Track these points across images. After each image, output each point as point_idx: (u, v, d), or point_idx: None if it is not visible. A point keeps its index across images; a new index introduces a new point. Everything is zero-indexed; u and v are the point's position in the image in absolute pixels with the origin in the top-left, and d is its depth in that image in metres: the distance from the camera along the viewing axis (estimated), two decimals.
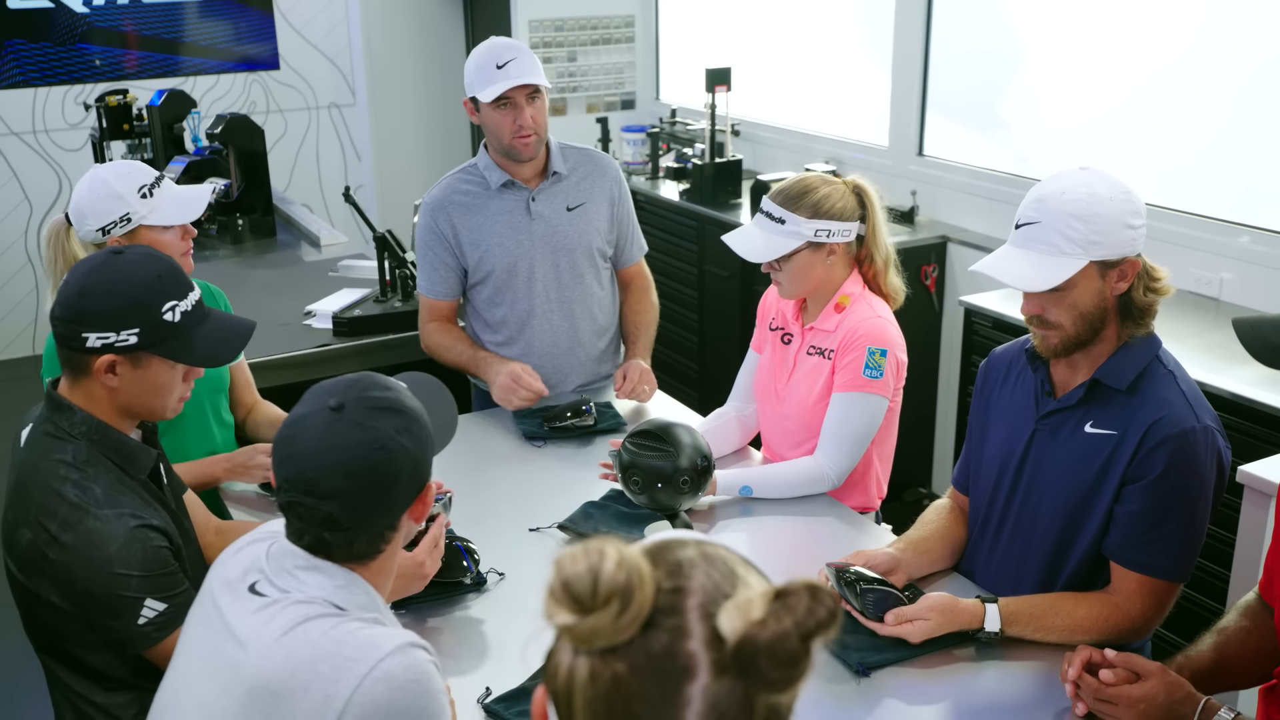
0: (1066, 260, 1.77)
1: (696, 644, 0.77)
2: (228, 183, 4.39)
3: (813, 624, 0.75)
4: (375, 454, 1.35)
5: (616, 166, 2.95)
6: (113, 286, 1.73)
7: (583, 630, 0.77)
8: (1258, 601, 1.81)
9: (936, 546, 2.08)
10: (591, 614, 0.76)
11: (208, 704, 1.34)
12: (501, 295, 2.83)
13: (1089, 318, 1.82)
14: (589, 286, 2.88)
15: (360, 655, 1.28)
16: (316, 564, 1.37)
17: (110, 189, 2.27)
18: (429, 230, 2.82)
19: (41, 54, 5.71)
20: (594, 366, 2.93)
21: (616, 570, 0.76)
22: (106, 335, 1.72)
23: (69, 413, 1.76)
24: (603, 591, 0.76)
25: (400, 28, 6.30)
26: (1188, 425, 1.78)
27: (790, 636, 0.75)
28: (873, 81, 4.58)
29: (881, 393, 2.32)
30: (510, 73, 2.64)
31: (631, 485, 2.17)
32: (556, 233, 2.81)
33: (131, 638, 1.73)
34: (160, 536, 1.76)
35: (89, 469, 1.74)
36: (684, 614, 0.78)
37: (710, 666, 0.77)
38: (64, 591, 1.72)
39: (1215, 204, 3.36)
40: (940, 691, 1.77)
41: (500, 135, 2.70)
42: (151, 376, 1.77)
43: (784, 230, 2.30)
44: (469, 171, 2.83)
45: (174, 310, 1.76)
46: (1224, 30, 3.31)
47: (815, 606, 0.75)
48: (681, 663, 0.77)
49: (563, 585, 0.76)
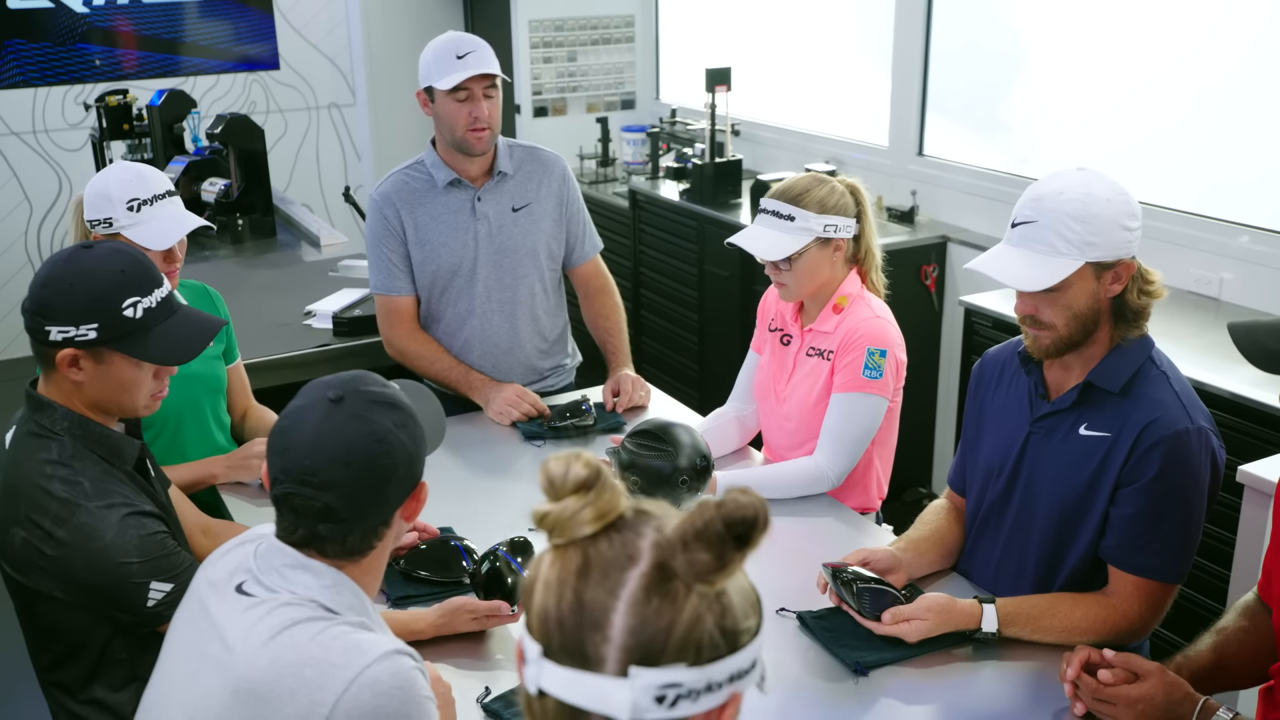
0: (1062, 260, 1.76)
1: (645, 543, 0.87)
2: (228, 183, 4.39)
3: (738, 515, 0.83)
4: (374, 445, 1.35)
5: (564, 164, 2.89)
6: (73, 280, 1.72)
7: (552, 517, 0.87)
8: (1256, 602, 1.81)
9: (935, 547, 2.08)
10: (559, 501, 0.87)
11: (193, 705, 1.33)
12: (443, 294, 2.80)
13: (1082, 319, 1.81)
14: (531, 288, 2.84)
15: (346, 661, 1.28)
16: (306, 563, 1.36)
17: (107, 189, 2.29)
18: (380, 225, 2.77)
19: (41, 54, 5.71)
20: (537, 364, 2.91)
21: (584, 468, 0.88)
22: (67, 329, 1.72)
23: (49, 410, 1.77)
24: (571, 480, 0.87)
25: (400, 28, 6.30)
26: (1181, 426, 1.78)
27: (714, 521, 0.84)
28: (873, 81, 4.58)
29: (881, 393, 2.32)
30: (470, 63, 2.62)
31: (631, 485, 2.17)
32: (500, 233, 2.78)
33: (143, 619, 1.76)
34: (154, 521, 1.77)
35: (75, 464, 1.74)
36: (641, 532, 0.88)
37: (650, 551, 0.86)
38: (67, 586, 1.73)
39: (1215, 204, 3.36)
40: (938, 691, 1.77)
41: (454, 126, 2.66)
42: (115, 372, 1.76)
43: (794, 227, 2.30)
44: (416, 168, 2.80)
45: (135, 306, 1.75)
46: (1224, 30, 3.31)
47: (747, 504, 0.84)
48: (629, 553, 0.87)
49: (544, 475, 0.88)
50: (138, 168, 2.36)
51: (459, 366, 2.79)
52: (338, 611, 1.34)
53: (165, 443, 2.42)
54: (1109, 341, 1.86)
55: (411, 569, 2.03)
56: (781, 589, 1.96)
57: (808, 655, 1.84)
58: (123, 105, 4.77)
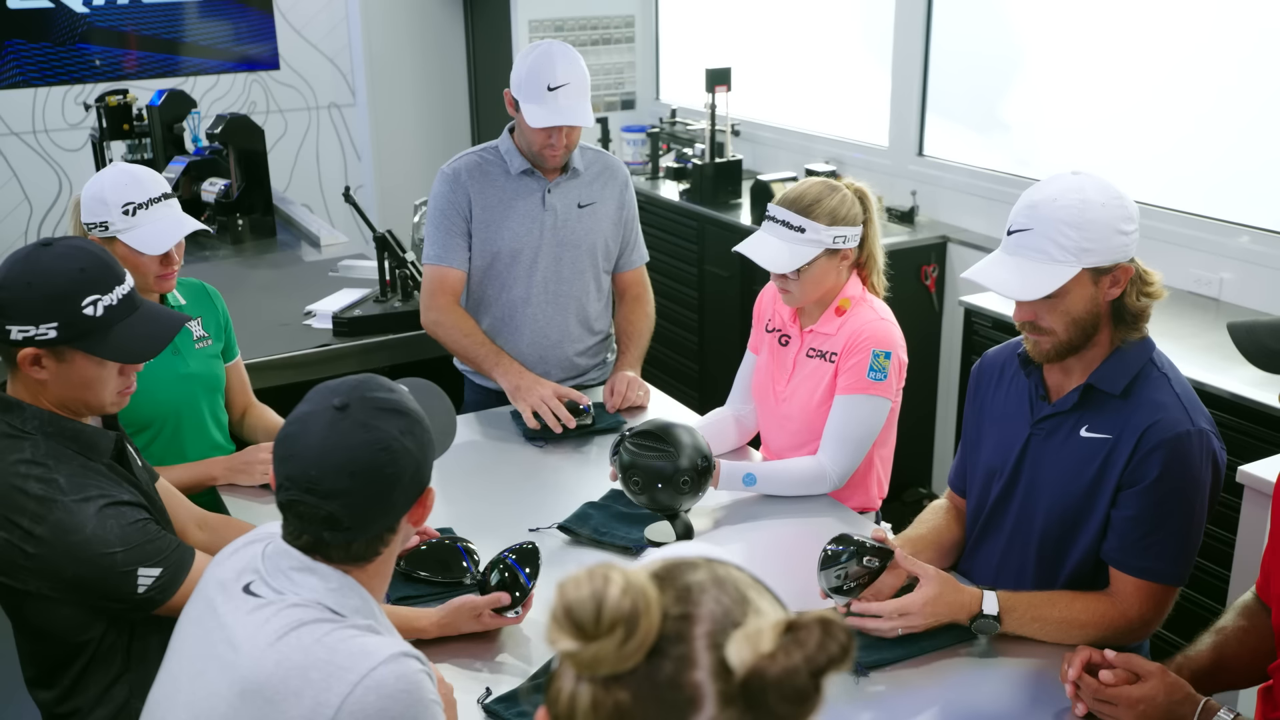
0: (1059, 268, 1.76)
1: (703, 674, 0.75)
2: (228, 183, 4.39)
3: (824, 659, 0.73)
4: (379, 454, 1.34)
5: (626, 171, 2.98)
6: (31, 279, 1.71)
7: (585, 657, 0.75)
8: (1255, 601, 1.81)
9: (933, 546, 2.09)
10: (595, 641, 0.74)
11: (199, 705, 1.34)
12: (499, 279, 2.83)
13: (1082, 324, 1.81)
14: (586, 285, 2.89)
15: (352, 664, 1.28)
16: (311, 565, 1.36)
17: (102, 193, 2.29)
18: (446, 199, 2.81)
19: (41, 54, 5.70)
20: (577, 362, 2.94)
21: (622, 597, 0.74)
22: (26, 329, 1.71)
23: (19, 410, 1.76)
24: (607, 618, 0.73)
25: (400, 28, 6.30)
26: (1182, 429, 1.78)
27: (800, 672, 0.72)
28: (873, 81, 4.58)
29: (885, 394, 2.33)
30: (560, 104, 2.63)
31: (631, 485, 2.17)
32: (565, 227, 2.83)
33: (136, 605, 1.77)
34: (134, 509, 1.77)
35: (50, 461, 1.74)
36: (691, 642, 0.76)
37: (716, 697, 0.75)
38: (54, 582, 1.73)
39: (1215, 204, 3.36)
40: (940, 691, 1.77)
41: (533, 143, 2.72)
42: (78, 371, 1.76)
43: (805, 239, 2.30)
44: (490, 151, 2.85)
45: (96, 304, 1.73)
46: (1224, 30, 3.31)
47: (827, 641, 0.73)
48: (687, 694, 0.75)
49: (565, 611, 0.74)
50: (133, 170, 2.35)
51: (491, 344, 2.80)
52: (344, 614, 1.34)
53: (164, 442, 2.42)
54: (1109, 344, 1.85)
55: (412, 570, 2.03)
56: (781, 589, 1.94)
57: None
58: (123, 105, 4.76)
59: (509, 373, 2.72)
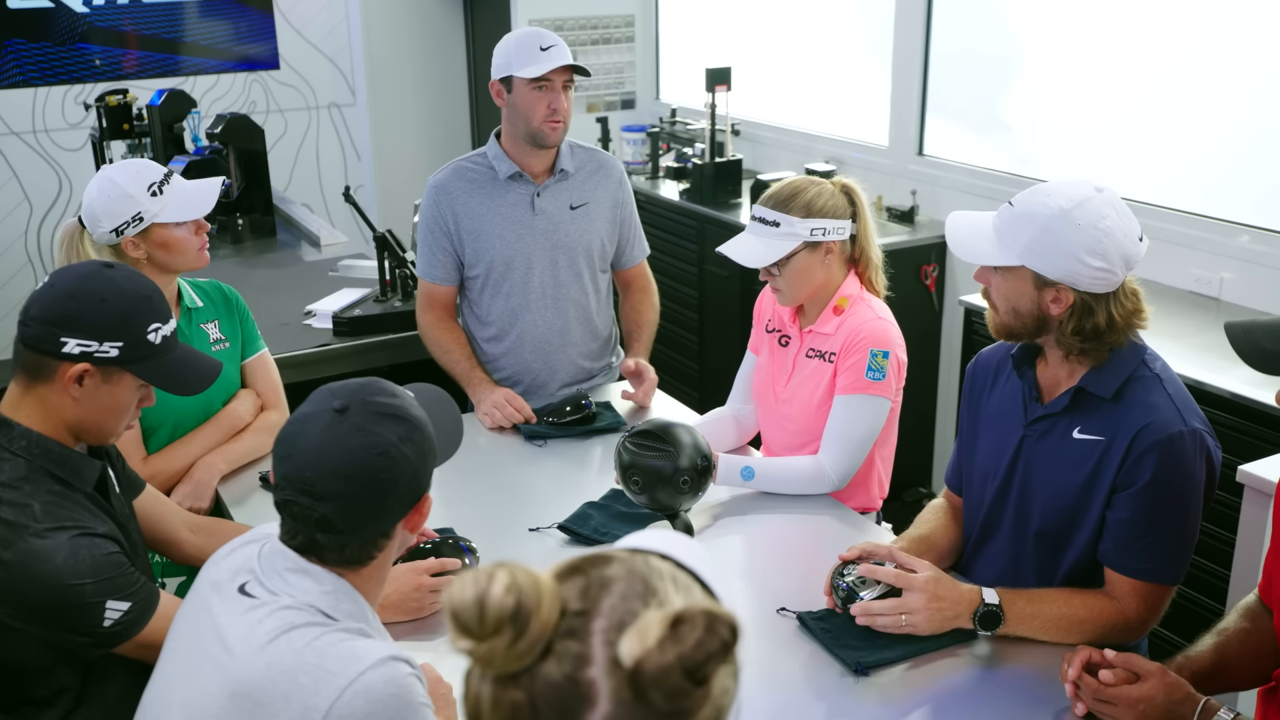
0: (1006, 251, 1.80)
1: (598, 671, 0.74)
2: (228, 182, 4.39)
3: (700, 657, 0.71)
4: (375, 459, 1.34)
5: (621, 168, 2.95)
6: (106, 295, 1.70)
7: (480, 656, 0.74)
8: (1258, 603, 1.81)
9: (933, 547, 2.08)
10: (484, 641, 0.74)
11: (191, 705, 1.34)
12: (496, 288, 2.83)
13: (1021, 317, 1.84)
14: (584, 287, 2.88)
15: (341, 668, 1.28)
16: (306, 567, 1.36)
17: (120, 189, 2.26)
18: (430, 213, 2.82)
19: (41, 54, 5.70)
20: (583, 365, 2.93)
21: (505, 595, 0.73)
22: (88, 344, 1.68)
23: (6, 429, 1.70)
24: (491, 619, 0.73)
25: (400, 28, 6.30)
26: (1174, 430, 1.77)
27: (673, 670, 0.71)
28: (873, 81, 4.58)
29: (884, 394, 2.32)
30: (554, 56, 2.66)
31: (631, 485, 2.17)
32: (558, 230, 2.81)
33: (100, 641, 1.69)
34: (107, 542, 1.70)
35: (26, 486, 1.67)
36: (589, 638, 0.75)
37: (611, 694, 0.74)
38: (16, 610, 1.64)
39: (1215, 204, 3.36)
40: (938, 691, 1.77)
41: (531, 117, 2.70)
42: (117, 395, 1.74)
43: (780, 233, 2.30)
44: (477, 159, 2.84)
45: (156, 332, 1.74)
46: (1224, 31, 3.31)
47: (706, 639, 0.71)
48: (581, 690, 0.74)
49: (452, 612, 0.74)
50: (127, 164, 2.35)
51: (467, 362, 2.81)
52: (336, 618, 1.34)
53: (162, 442, 2.42)
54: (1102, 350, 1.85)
55: None
56: (782, 589, 1.96)
57: (808, 655, 1.84)
58: (123, 105, 4.76)
59: (473, 389, 2.77)
